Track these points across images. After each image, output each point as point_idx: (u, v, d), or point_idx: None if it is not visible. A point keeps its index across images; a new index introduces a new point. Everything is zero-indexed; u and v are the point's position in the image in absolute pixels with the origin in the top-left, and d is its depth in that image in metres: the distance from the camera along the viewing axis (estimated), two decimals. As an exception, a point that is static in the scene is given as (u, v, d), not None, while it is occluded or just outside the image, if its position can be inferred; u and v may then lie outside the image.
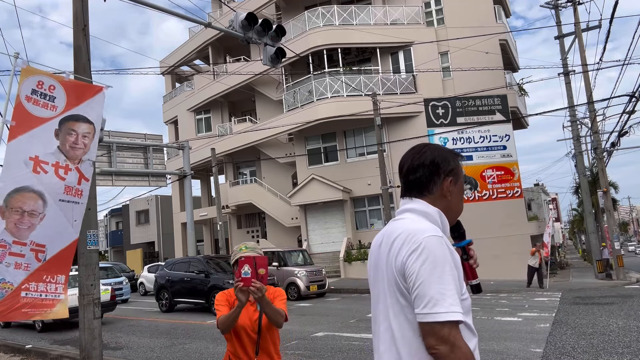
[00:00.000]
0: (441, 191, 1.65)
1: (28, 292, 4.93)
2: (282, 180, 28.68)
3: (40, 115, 5.08)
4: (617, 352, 7.17)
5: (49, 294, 5.09)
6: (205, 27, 15.44)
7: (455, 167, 1.69)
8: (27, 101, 4.98)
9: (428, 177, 1.65)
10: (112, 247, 48.15)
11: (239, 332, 2.80)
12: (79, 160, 5.37)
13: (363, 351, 8.05)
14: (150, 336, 11.05)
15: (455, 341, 1.41)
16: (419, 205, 1.64)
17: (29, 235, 4.92)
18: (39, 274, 5.02)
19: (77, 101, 5.38)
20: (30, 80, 5.01)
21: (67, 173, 5.25)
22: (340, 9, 25.88)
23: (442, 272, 1.44)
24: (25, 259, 4.91)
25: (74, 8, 7.29)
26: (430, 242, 1.47)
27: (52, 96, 5.17)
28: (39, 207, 4.99)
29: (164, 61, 34.70)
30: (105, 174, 17.50)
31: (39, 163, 5.03)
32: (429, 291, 1.42)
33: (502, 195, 22.96)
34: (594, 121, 21.98)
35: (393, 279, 1.54)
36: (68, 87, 5.33)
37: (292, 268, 17.78)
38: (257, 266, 2.48)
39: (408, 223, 1.58)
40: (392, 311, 1.55)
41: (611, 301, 13.17)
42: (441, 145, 1.76)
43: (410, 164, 1.68)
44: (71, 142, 5.30)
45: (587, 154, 29.32)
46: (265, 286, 2.50)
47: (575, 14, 22.08)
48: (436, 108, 23.25)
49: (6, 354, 9.87)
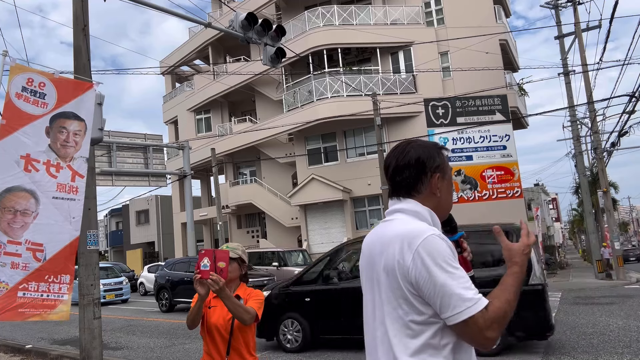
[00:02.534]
0: (430, 189, 1.62)
1: (26, 292, 4.86)
2: (282, 180, 28.68)
3: (31, 112, 5.02)
4: (617, 352, 7.17)
5: (51, 294, 5.01)
6: (205, 27, 15.44)
7: (441, 162, 1.65)
8: (18, 98, 4.92)
9: (415, 177, 1.62)
10: (112, 247, 48.16)
11: (212, 332, 2.81)
12: (71, 158, 5.31)
13: (363, 351, 8.03)
14: (150, 336, 11.06)
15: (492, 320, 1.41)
16: (409, 205, 1.61)
17: (23, 234, 4.87)
18: (39, 273, 4.95)
19: (68, 98, 5.31)
20: (19, 77, 4.96)
21: (59, 171, 5.19)
22: (340, 9, 25.89)
23: (454, 267, 1.44)
24: (23, 258, 4.85)
25: (74, 8, 7.29)
26: (432, 241, 1.46)
27: (43, 93, 5.11)
28: (31, 205, 4.94)
29: (164, 61, 34.71)
30: (105, 174, 17.51)
31: (30, 161, 4.98)
32: (452, 290, 1.41)
33: (502, 195, 22.94)
34: (594, 121, 21.98)
35: (395, 285, 1.49)
36: (58, 84, 5.27)
37: (292, 268, 17.78)
38: (217, 259, 2.49)
39: (401, 225, 1.55)
40: (389, 318, 1.51)
41: (611, 301, 13.17)
42: (423, 140, 1.73)
43: (396, 165, 1.65)
44: (62, 140, 5.25)
45: (587, 154, 29.36)
46: (222, 279, 2.48)
47: (575, 14, 22.10)
48: (436, 108, 23.23)
49: (6, 354, 9.87)
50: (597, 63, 20.32)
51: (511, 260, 1.53)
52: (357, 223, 25.81)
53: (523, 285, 1.52)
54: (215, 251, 2.54)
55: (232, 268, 2.81)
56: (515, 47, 30.68)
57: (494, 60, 24.15)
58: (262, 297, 2.90)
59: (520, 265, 1.51)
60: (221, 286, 2.48)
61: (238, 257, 2.89)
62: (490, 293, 1.47)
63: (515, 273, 1.50)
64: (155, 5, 8.28)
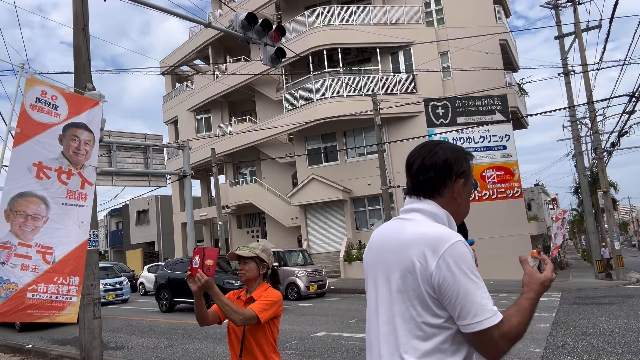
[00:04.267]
0: (452, 193, 1.60)
1: (35, 294, 4.94)
2: (282, 180, 28.68)
3: (45, 122, 5.23)
4: (617, 352, 7.17)
5: (60, 295, 5.11)
6: (205, 27, 15.44)
7: (467, 168, 1.63)
8: (32, 109, 5.13)
9: (440, 179, 1.59)
10: (112, 247, 48.16)
11: (230, 332, 2.86)
12: (81, 165, 5.53)
13: (363, 351, 8.02)
14: (150, 336, 11.05)
15: (506, 335, 1.42)
16: (429, 206, 1.58)
17: (33, 238, 5.01)
18: (49, 275, 5.06)
19: (78, 111, 5.56)
20: (34, 89, 5.17)
21: (70, 178, 5.39)
22: (340, 9, 25.89)
23: (477, 276, 1.44)
24: (33, 260, 4.97)
25: (74, 8, 7.29)
26: (460, 249, 1.44)
27: (55, 105, 5.33)
28: (41, 210, 5.10)
29: (164, 61, 34.71)
30: (105, 174, 17.47)
31: (42, 169, 5.16)
32: (475, 299, 1.41)
33: (502, 195, 22.96)
34: (594, 121, 21.98)
35: (412, 286, 1.47)
36: (68, 99, 5.51)
37: (292, 268, 17.77)
38: (205, 257, 2.58)
39: (422, 226, 1.52)
40: (400, 317, 1.49)
41: (611, 301, 13.17)
42: (452, 143, 1.70)
43: (421, 164, 1.61)
44: (74, 147, 5.46)
45: (587, 154, 29.35)
46: (205, 276, 2.53)
47: (575, 14, 22.09)
48: (436, 108, 23.24)
49: (6, 354, 9.88)
50: (597, 63, 20.30)
51: (530, 286, 1.54)
52: (357, 223, 25.82)
53: None
54: (205, 249, 2.61)
55: (249, 267, 2.85)
56: (515, 47, 30.70)
57: (494, 60, 24.15)
58: (273, 299, 2.79)
59: (537, 294, 1.53)
60: (203, 283, 2.51)
61: (255, 257, 2.87)
62: (506, 310, 1.48)
63: (531, 298, 1.51)
64: (155, 5, 8.27)
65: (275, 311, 2.78)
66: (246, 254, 2.86)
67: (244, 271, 2.86)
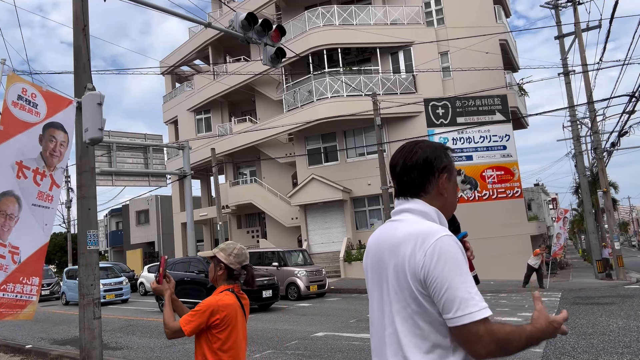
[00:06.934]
0: (437, 189, 1.63)
1: (5, 293, 5.05)
2: (282, 180, 28.68)
3: (27, 120, 5.28)
4: (617, 352, 7.17)
5: (24, 295, 5.23)
6: (205, 27, 15.44)
7: (448, 163, 1.66)
8: (14, 106, 5.17)
9: (423, 177, 1.62)
10: (112, 247, 48.15)
11: None
12: (54, 167, 5.59)
13: (363, 351, 8.04)
14: (150, 336, 11.05)
15: (493, 333, 1.39)
16: (417, 205, 1.61)
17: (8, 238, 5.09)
18: (15, 275, 5.16)
19: (55, 110, 5.62)
20: (15, 86, 5.22)
21: (43, 179, 5.47)
22: (340, 9, 25.89)
23: (463, 270, 1.44)
24: (5, 260, 5.06)
25: (74, 8, 7.29)
26: (446, 242, 1.45)
27: (35, 103, 5.39)
28: (15, 210, 5.17)
29: (164, 61, 34.71)
30: (105, 174, 17.48)
31: (22, 168, 5.22)
32: (458, 293, 1.40)
33: (502, 195, 22.95)
34: (594, 121, 21.98)
35: (405, 284, 1.49)
36: (46, 97, 5.57)
37: (292, 268, 17.77)
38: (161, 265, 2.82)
39: (411, 224, 1.55)
40: (399, 317, 1.51)
41: (611, 301, 13.17)
42: (430, 141, 1.73)
43: (403, 165, 1.64)
44: (51, 149, 5.54)
45: (587, 154, 29.36)
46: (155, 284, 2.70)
47: (575, 14, 22.08)
48: (436, 108, 23.24)
49: (6, 354, 9.87)
50: (597, 63, 20.32)
51: (538, 322, 1.50)
52: (357, 223, 25.82)
53: None
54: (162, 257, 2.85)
55: (210, 268, 2.86)
56: (515, 47, 30.70)
57: (494, 60, 24.15)
58: (200, 308, 2.52)
59: (542, 332, 1.49)
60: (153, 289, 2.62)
61: (213, 257, 2.77)
62: (510, 324, 1.46)
63: (536, 329, 1.48)
64: (155, 5, 8.27)
65: (202, 322, 2.50)
66: (205, 254, 2.86)
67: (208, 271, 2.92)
